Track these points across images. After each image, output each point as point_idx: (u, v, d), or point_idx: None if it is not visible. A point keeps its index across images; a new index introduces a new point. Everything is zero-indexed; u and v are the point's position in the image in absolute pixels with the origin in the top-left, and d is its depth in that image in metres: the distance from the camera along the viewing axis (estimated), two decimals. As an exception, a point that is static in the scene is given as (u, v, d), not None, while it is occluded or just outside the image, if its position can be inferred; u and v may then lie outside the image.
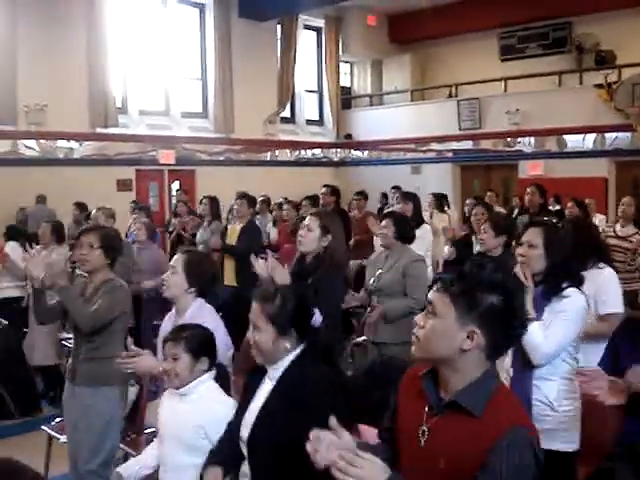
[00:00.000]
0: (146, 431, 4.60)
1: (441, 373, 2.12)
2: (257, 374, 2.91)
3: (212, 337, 3.27)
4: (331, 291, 4.30)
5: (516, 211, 11.07)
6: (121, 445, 4.44)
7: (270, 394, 2.79)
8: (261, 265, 4.21)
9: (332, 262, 4.45)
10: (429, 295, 2.12)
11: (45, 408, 6.83)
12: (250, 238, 7.91)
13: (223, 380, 3.30)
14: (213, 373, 3.20)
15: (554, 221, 5.26)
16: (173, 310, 3.94)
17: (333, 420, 1.91)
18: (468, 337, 2.03)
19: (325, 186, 10.11)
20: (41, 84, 12.27)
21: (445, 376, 2.10)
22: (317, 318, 3.23)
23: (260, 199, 11.29)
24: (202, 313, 3.72)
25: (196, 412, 3.07)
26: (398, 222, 5.43)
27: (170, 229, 10.71)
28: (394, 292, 5.24)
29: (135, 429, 4.61)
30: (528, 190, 7.87)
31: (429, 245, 7.37)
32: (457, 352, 2.04)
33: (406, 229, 5.48)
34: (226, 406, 3.08)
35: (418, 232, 6.46)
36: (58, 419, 5.16)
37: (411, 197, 7.70)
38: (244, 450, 2.82)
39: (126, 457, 4.33)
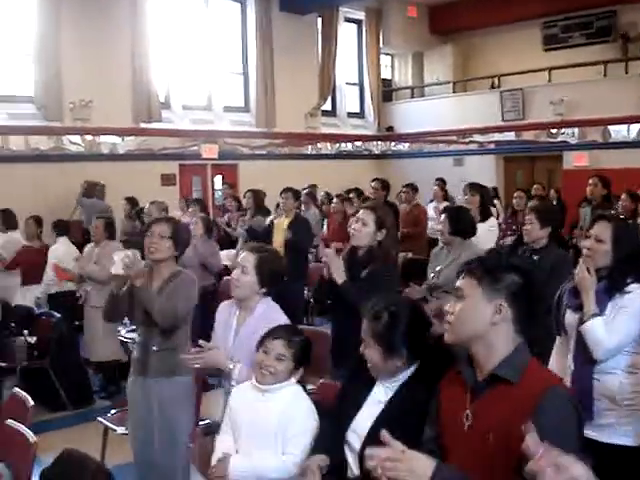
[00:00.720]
0: (200, 423, 4.64)
1: (476, 353, 2.27)
2: (358, 379, 2.89)
3: (311, 348, 3.28)
4: (389, 285, 4.27)
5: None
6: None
7: (387, 406, 2.75)
8: (329, 253, 4.18)
9: (387, 257, 4.41)
10: (457, 284, 2.36)
11: (97, 401, 6.93)
12: (301, 231, 7.95)
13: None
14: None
15: (621, 215, 5.14)
16: (229, 302, 3.91)
17: (385, 433, 1.91)
18: (496, 311, 2.23)
19: (375, 180, 10.09)
20: (86, 81, 12.38)
21: (480, 355, 2.26)
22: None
23: (305, 192, 11.30)
24: (272, 312, 3.70)
25: (277, 412, 3.07)
26: (453, 217, 5.34)
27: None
28: (452, 289, 5.14)
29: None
30: (590, 181, 7.77)
31: (490, 239, 7.09)
32: (488, 326, 2.24)
33: (462, 224, 5.36)
34: (308, 413, 3.09)
35: (484, 225, 6.37)
36: (113, 411, 5.26)
37: (478, 189, 7.55)
38: (351, 457, 2.80)
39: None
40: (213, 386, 5.94)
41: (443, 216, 5.41)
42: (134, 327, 4.93)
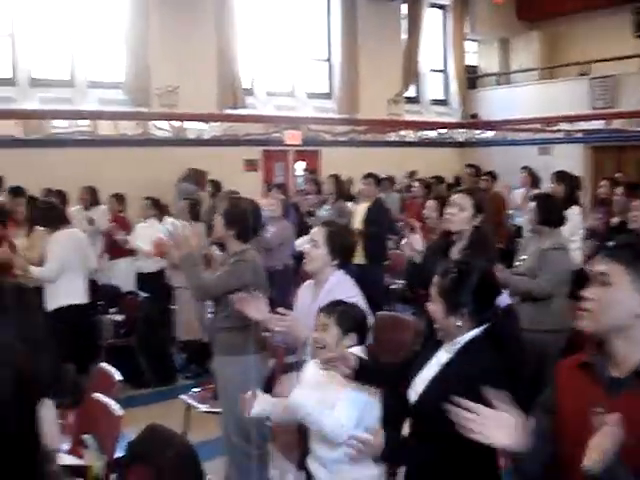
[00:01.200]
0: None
1: (614, 347, 2.07)
2: (429, 342, 2.89)
3: (364, 315, 3.28)
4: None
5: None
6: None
7: (443, 368, 2.72)
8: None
9: (485, 242, 4.31)
10: (598, 266, 2.09)
11: (180, 380, 7.08)
12: (380, 216, 7.94)
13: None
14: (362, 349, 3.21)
15: None
16: (310, 281, 3.96)
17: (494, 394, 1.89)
18: None
19: (468, 165, 10.00)
20: (172, 67, 12.61)
21: (619, 349, 2.06)
22: (504, 299, 3.13)
23: (383, 178, 11.27)
24: (343, 285, 3.72)
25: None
26: (541, 206, 5.21)
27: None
28: (534, 277, 5.04)
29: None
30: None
31: (576, 228, 7.01)
32: (633, 319, 2.02)
33: (550, 213, 5.22)
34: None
35: (568, 213, 6.21)
36: (196, 389, 5.36)
37: (563, 177, 7.41)
38: (409, 414, 2.82)
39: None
40: (291, 366, 5.97)
41: (532, 204, 5.30)
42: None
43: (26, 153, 11.02)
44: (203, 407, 4.93)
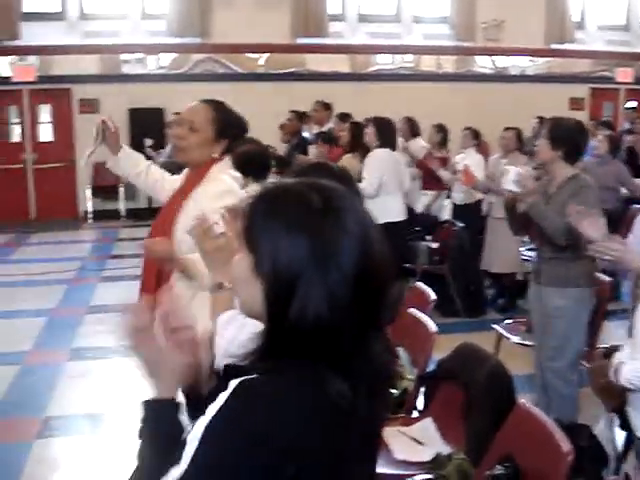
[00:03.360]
0: (600, 346, 4.36)
1: None
2: None
3: None
4: None
5: None
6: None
7: None
8: None
9: None
10: None
11: (489, 313, 6.96)
12: None
13: None
14: None
15: None
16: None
17: None
18: None
19: None
20: (499, 0, 12.25)
21: None
22: None
23: None
24: None
25: None
26: None
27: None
28: None
29: (590, 342, 4.36)
30: None
31: None
32: None
33: None
34: None
35: None
36: (508, 320, 5.21)
37: None
38: None
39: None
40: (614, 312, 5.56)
41: None
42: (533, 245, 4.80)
43: (352, 86, 11.46)
44: (516, 339, 4.77)
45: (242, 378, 1.14)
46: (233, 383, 1.14)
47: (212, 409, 1.13)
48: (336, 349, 1.16)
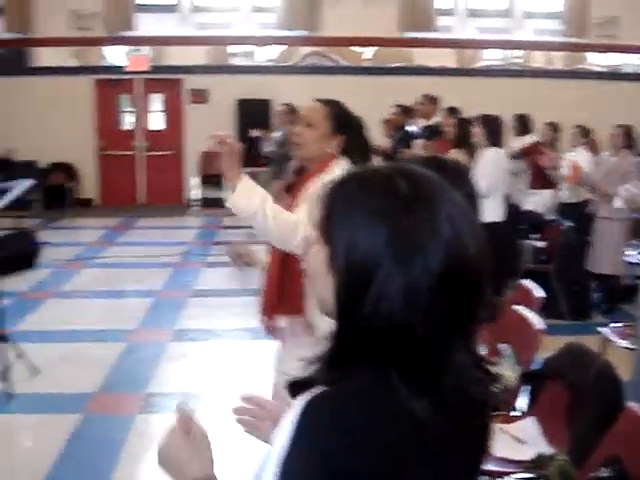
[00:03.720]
0: None
1: None
2: None
3: None
4: None
5: None
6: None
7: None
8: None
9: None
10: None
11: (594, 317, 6.77)
12: None
13: None
14: None
15: None
16: None
17: None
18: None
19: None
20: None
21: None
22: None
23: None
24: None
25: None
26: None
27: None
28: None
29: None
30: None
31: None
32: None
33: None
34: None
35: None
36: (615, 324, 5.05)
37: None
38: None
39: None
40: None
41: None
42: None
43: (459, 81, 11.32)
44: (624, 343, 4.61)
45: (309, 395, 1.02)
46: (299, 403, 1.02)
47: (282, 438, 1.01)
48: (412, 354, 1.02)
